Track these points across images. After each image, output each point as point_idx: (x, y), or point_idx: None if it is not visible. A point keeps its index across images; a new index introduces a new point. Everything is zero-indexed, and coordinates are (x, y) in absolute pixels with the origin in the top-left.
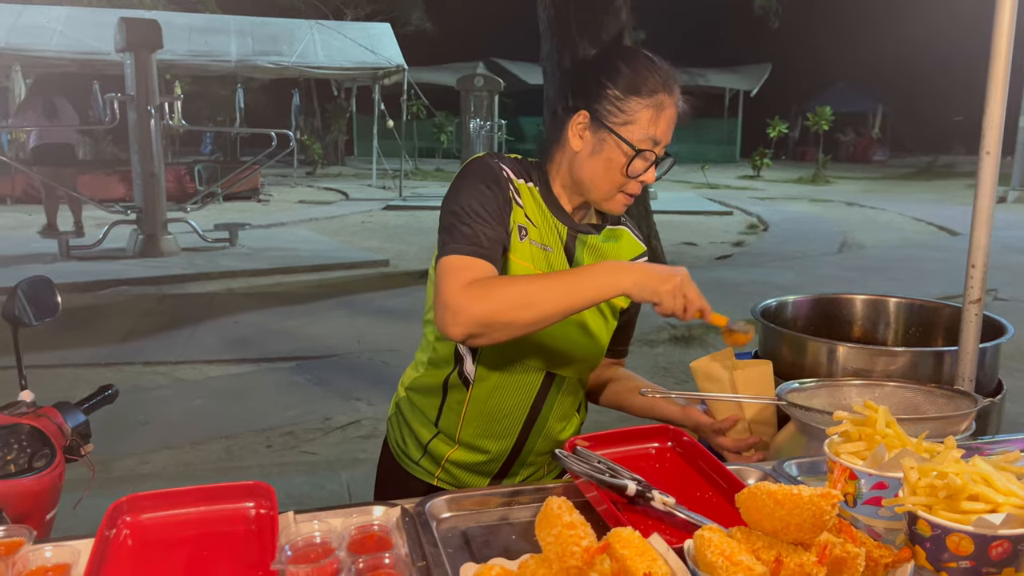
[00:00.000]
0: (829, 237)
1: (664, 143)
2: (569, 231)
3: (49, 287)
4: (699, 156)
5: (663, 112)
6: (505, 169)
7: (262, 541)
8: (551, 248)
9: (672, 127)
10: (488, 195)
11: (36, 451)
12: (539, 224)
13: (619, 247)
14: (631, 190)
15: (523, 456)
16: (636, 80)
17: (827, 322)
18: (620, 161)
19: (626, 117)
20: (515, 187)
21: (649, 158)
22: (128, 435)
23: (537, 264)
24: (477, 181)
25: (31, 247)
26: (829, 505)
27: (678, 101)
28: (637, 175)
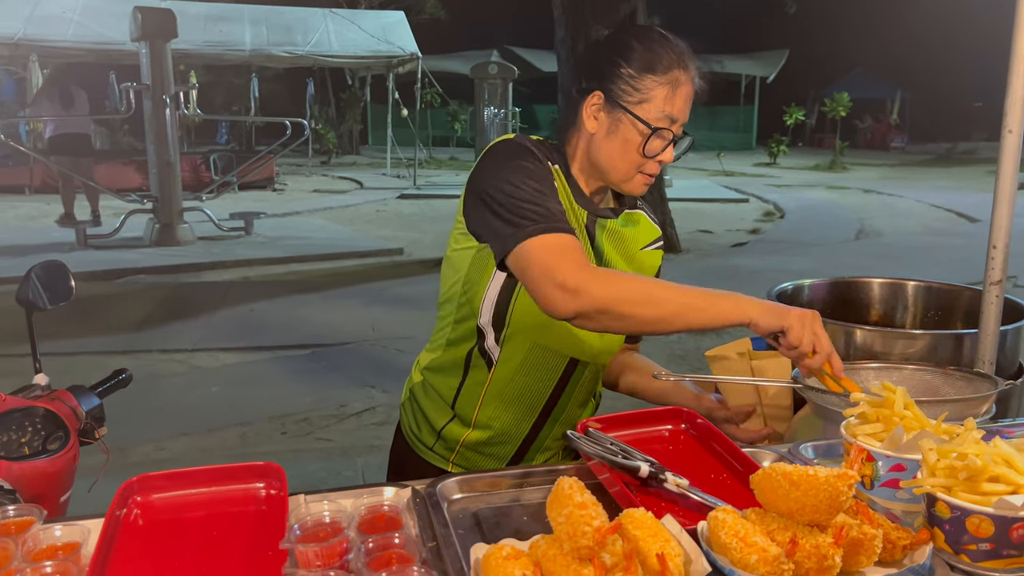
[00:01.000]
0: (846, 224)
1: (681, 121)
2: (589, 215)
3: (63, 271)
4: (715, 143)
5: (679, 89)
6: (536, 151)
7: (272, 521)
8: (575, 230)
9: (689, 104)
10: (538, 173)
11: (50, 434)
12: (567, 208)
13: (637, 231)
14: (650, 170)
15: (539, 441)
16: (650, 58)
17: (844, 306)
18: (636, 141)
19: (641, 96)
20: (549, 168)
21: (666, 136)
22: (145, 422)
23: None
24: (520, 161)
25: (49, 236)
26: (846, 486)
27: (694, 78)
28: (655, 155)
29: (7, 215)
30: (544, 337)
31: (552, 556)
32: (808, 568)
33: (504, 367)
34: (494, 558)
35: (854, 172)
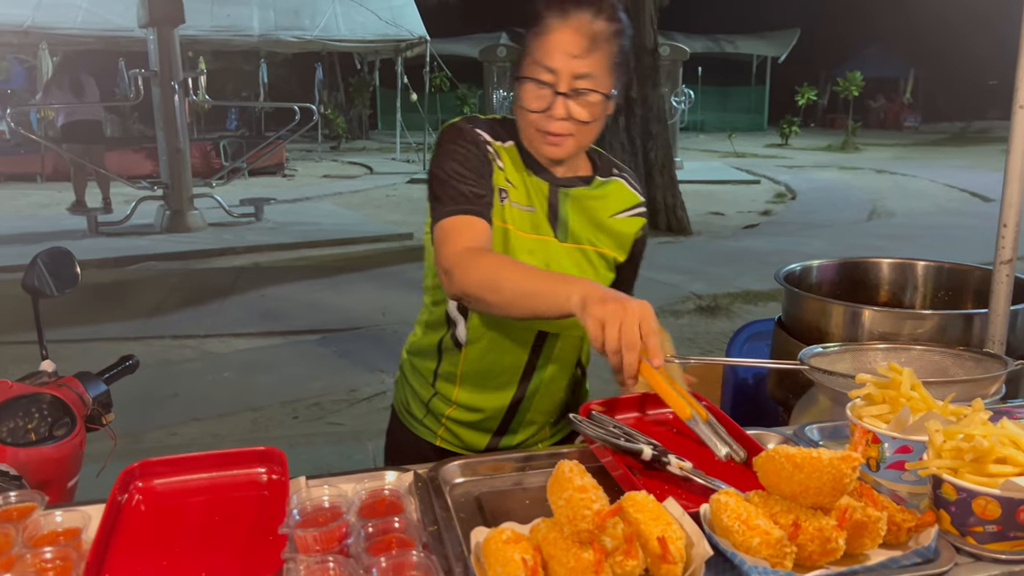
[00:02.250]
0: (858, 205)
1: (561, 68)
2: (551, 186)
3: (69, 258)
4: (726, 124)
5: (550, 36)
6: (480, 132)
7: (273, 506)
8: (534, 208)
9: (573, 51)
10: (466, 155)
11: (57, 420)
12: (519, 184)
13: (608, 198)
14: (545, 127)
15: (521, 413)
16: (531, 12)
17: (853, 287)
18: (520, 94)
19: (525, 53)
20: (493, 149)
21: (536, 83)
22: (157, 407)
23: (520, 226)
24: (453, 144)
25: (61, 224)
26: (849, 468)
27: (582, 23)
28: (533, 108)
29: (19, 203)
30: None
31: (552, 540)
32: (811, 551)
33: (474, 347)
34: (494, 542)
35: (866, 152)
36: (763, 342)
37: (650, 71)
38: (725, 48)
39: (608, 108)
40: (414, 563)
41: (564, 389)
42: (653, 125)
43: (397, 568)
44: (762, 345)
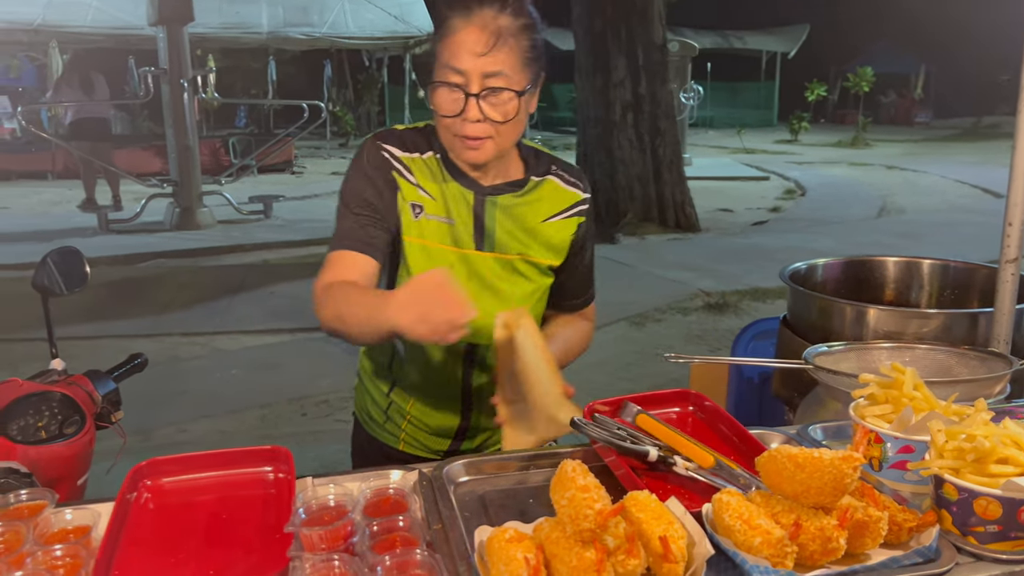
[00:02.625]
0: (868, 202)
1: (469, 69)
2: (476, 195)
3: (78, 257)
4: (735, 120)
5: (456, 36)
6: (387, 149)
7: (279, 504)
8: (453, 220)
9: (479, 49)
10: (363, 183)
11: (67, 418)
12: (439, 195)
13: (540, 202)
14: (461, 131)
15: (475, 419)
16: (436, 16)
17: (859, 286)
18: (432, 99)
19: (434, 52)
20: (403, 164)
21: (446, 86)
22: (167, 404)
23: (440, 239)
24: (355, 170)
25: (72, 221)
26: (850, 468)
27: (488, 20)
28: (445, 113)
29: (31, 201)
30: None
31: (555, 539)
32: (812, 550)
33: (412, 366)
34: (497, 541)
35: (877, 148)
36: (768, 340)
37: (659, 67)
38: (734, 44)
39: (529, 106)
40: (418, 562)
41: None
42: (661, 121)
43: (401, 567)
44: (767, 344)
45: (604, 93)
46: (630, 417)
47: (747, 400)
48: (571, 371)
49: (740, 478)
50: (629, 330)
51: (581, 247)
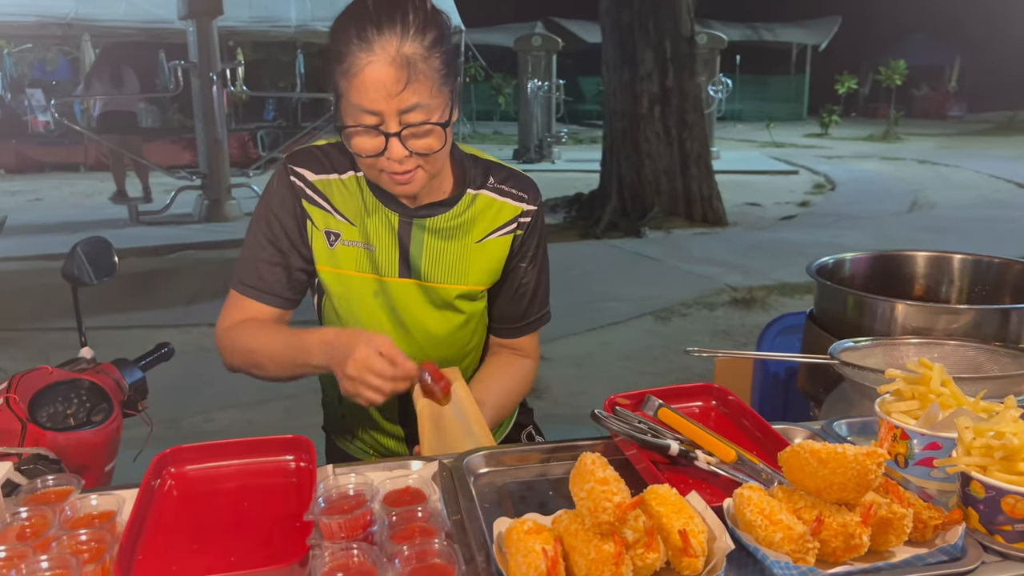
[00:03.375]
0: (899, 197)
1: (384, 110)
2: (401, 218)
3: (107, 247)
4: (764, 114)
5: (361, 75)
6: (299, 172)
7: (300, 493)
8: (373, 246)
9: (391, 88)
10: (271, 216)
11: (95, 405)
12: (359, 220)
13: (475, 221)
14: (388, 168)
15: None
16: (334, 44)
17: (887, 280)
18: (349, 143)
19: (336, 91)
20: (315, 190)
21: (358, 133)
22: (194, 394)
23: (358, 266)
24: (265, 198)
25: (103, 213)
26: (874, 464)
27: (392, 51)
28: (367, 154)
29: (63, 192)
30: None
31: (574, 531)
32: (835, 547)
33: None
34: (516, 532)
35: (909, 142)
36: (795, 336)
37: (687, 60)
38: (764, 36)
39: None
40: (436, 551)
41: None
42: (689, 115)
43: (420, 556)
44: (794, 339)
45: (631, 86)
46: (651, 411)
47: (772, 396)
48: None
49: (762, 473)
50: (654, 324)
51: (516, 265)
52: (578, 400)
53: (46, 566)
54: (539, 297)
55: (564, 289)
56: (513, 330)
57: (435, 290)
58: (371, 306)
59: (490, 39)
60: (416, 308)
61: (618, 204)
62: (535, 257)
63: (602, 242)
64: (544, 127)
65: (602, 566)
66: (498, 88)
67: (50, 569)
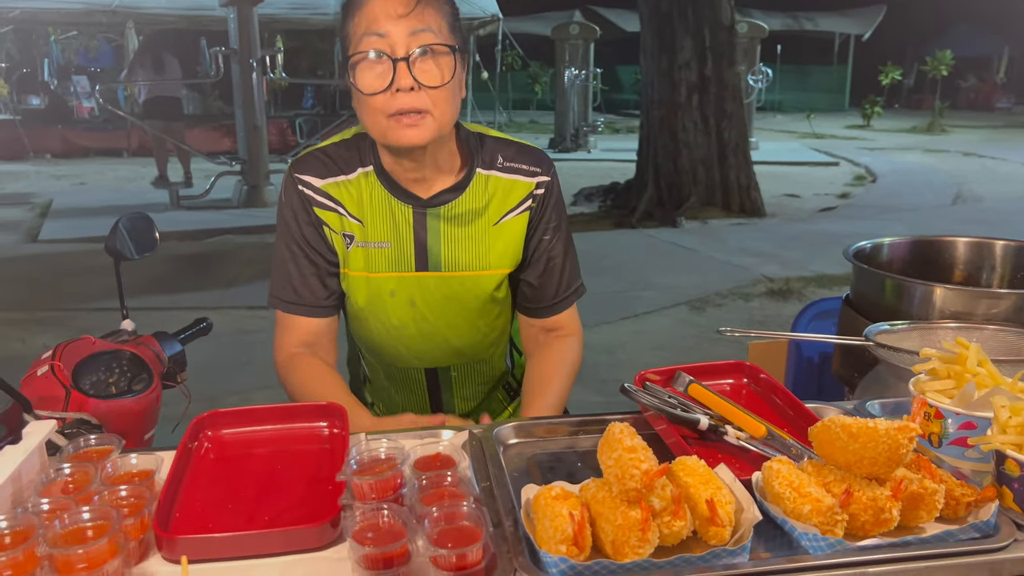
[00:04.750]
0: (943, 189)
1: (391, 30)
2: (415, 210)
3: (148, 223)
4: (804, 104)
5: (369, 4)
6: (304, 181)
7: (333, 458)
8: (387, 243)
9: (399, 10)
10: (292, 224)
11: (135, 375)
12: (369, 219)
13: (489, 204)
14: (394, 107)
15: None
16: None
17: (926, 266)
18: (354, 80)
19: (345, 38)
20: (323, 194)
21: (362, 62)
22: (232, 374)
23: (376, 266)
24: (280, 219)
25: (145, 197)
26: (906, 438)
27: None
28: (373, 91)
29: (107, 177)
30: (388, 353)
31: (601, 498)
32: (864, 520)
33: (375, 384)
34: (544, 498)
35: (954, 134)
36: (830, 320)
37: (726, 48)
38: (805, 25)
39: (461, 85)
40: (465, 514)
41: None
42: (728, 104)
43: (449, 518)
44: (828, 323)
45: (669, 74)
46: (682, 387)
47: (806, 380)
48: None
49: (792, 448)
50: (689, 314)
51: (540, 239)
52: (610, 388)
53: (88, 517)
54: (569, 268)
55: (598, 278)
56: (552, 307)
57: (458, 279)
58: (390, 305)
59: (527, 28)
60: (439, 300)
61: (654, 193)
62: (558, 227)
63: (637, 231)
64: (580, 116)
65: (629, 532)
66: (535, 77)
67: (92, 520)
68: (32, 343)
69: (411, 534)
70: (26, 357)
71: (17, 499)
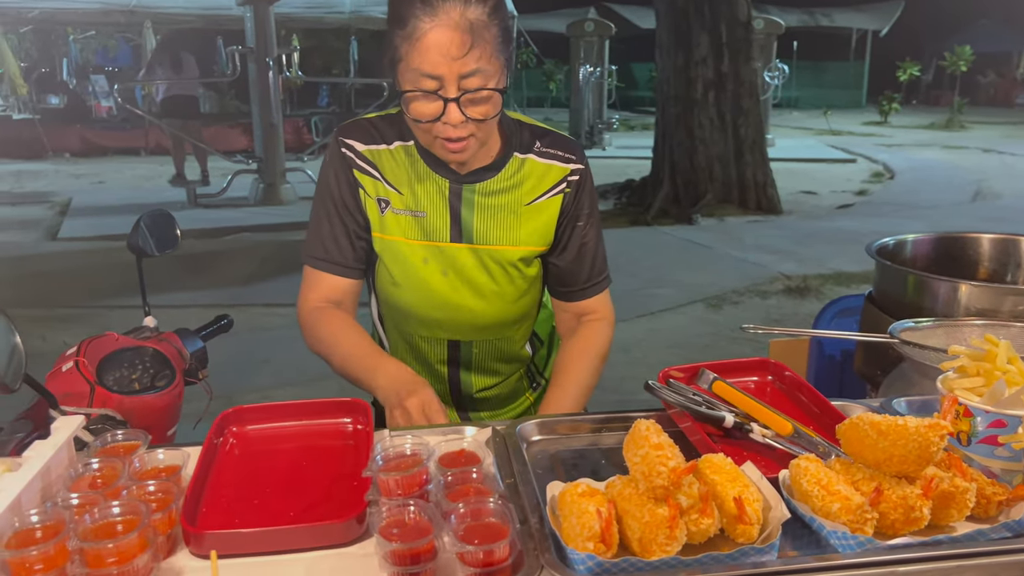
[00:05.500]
0: (962, 186)
1: (445, 74)
2: (452, 184)
3: (169, 220)
4: (821, 101)
5: (424, 39)
6: (348, 143)
7: (357, 454)
8: (423, 212)
9: (453, 52)
10: (331, 184)
11: (158, 372)
12: (407, 188)
13: (523, 185)
14: (442, 134)
15: (468, 404)
16: (394, 9)
17: (950, 263)
18: (407, 108)
19: (395, 55)
20: (364, 159)
21: (423, 97)
22: (251, 372)
23: (410, 233)
24: (323, 169)
25: (162, 196)
26: (937, 436)
27: (457, 17)
28: (425, 119)
29: (125, 175)
30: (409, 323)
31: (627, 495)
32: (894, 519)
33: (396, 353)
34: (570, 495)
35: (973, 131)
36: (852, 318)
37: (742, 45)
38: (821, 21)
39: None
40: (491, 510)
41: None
42: (744, 101)
43: (475, 514)
44: (851, 321)
45: (685, 71)
46: (706, 384)
47: (828, 378)
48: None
49: (819, 446)
50: (706, 312)
51: (574, 225)
52: (626, 386)
53: (118, 511)
54: (600, 255)
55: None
56: (583, 291)
57: (488, 252)
58: (423, 272)
59: (542, 25)
60: (469, 271)
61: (670, 191)
62: (591, 215)
63: (652, 229)
64: (595, 113)
65: (656, 529)
66: (549, 74)
67: (122, 515)
68: (53, 340)
69: (437, 530)
70: (46, 354)
71: (46, 493)
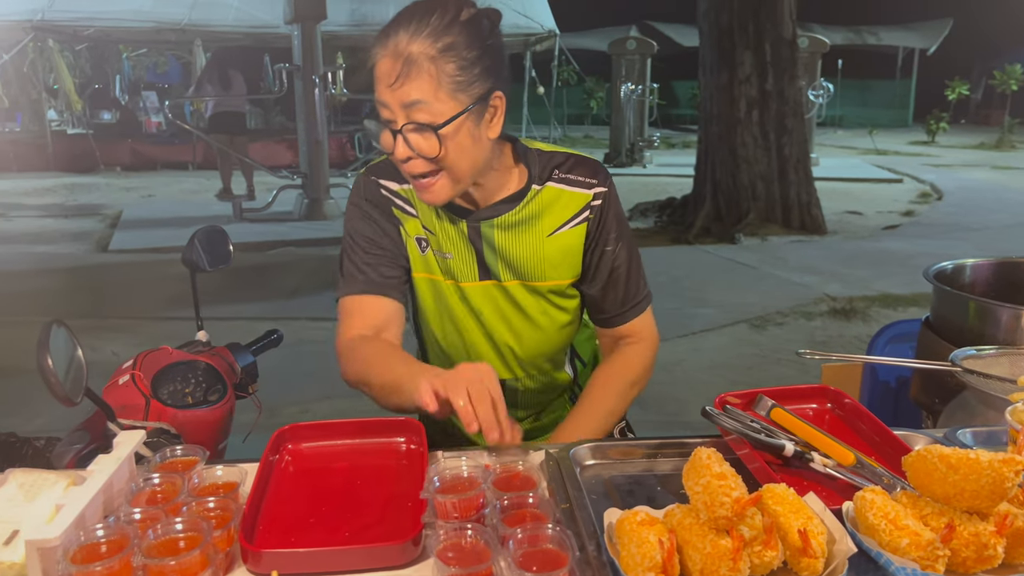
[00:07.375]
0: (1013, 207)
1: (389, 101)
2: (469, 223)
3: (223, 236)
4: (866, 120)
5: (376, 67)
6: (383, 184)
7: (412, 473)
8: (450, 254)
9: (391, 80)
10: (366, 222)
11: (210, 386)
12: (437, 229)
13: (543, 215)
14: (404, 169)
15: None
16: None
17: (1010, 289)
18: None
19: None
20: (401, 198)
21: (380, 126)
22: (294, 385)
23: (444, 274)
24: (355, 210)
25: (209, 210)
26: (1012, 472)
27: (400, 47)
28: (386, 151)
29: (172, 189)
30: (451, 352)
31: (688, 525)
32: (965, 556)
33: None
34: (629, 523)
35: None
36: (907, 344)
37: (787, 64)
38: (867, 40)
39: (489, 129)
40: (549, 536)
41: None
42: (788, 119)
43: (532, 540)
44: (906, 347)
45: (729, 89)
46: (764, 411)
47: (882, 405)
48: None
49: (883, 478)
50: (749, 332)
51: (602, 251)
52: (667, 407)
53: (180, 528)
54: (634, 276)
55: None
56: (621, 316)
57: (517, 288)
58: (458, 312)
59: (584, 43)
60: (504, 309)
61: (712, 209)
62: (619, 237)
63: (694, 247)
64: (636, 131)
65: (718, 561)
66: (590, 92)
67: (184, 531)
68: (102, 351)
69: (495, 555)
70: (95, 364)
71: (108, 507)
